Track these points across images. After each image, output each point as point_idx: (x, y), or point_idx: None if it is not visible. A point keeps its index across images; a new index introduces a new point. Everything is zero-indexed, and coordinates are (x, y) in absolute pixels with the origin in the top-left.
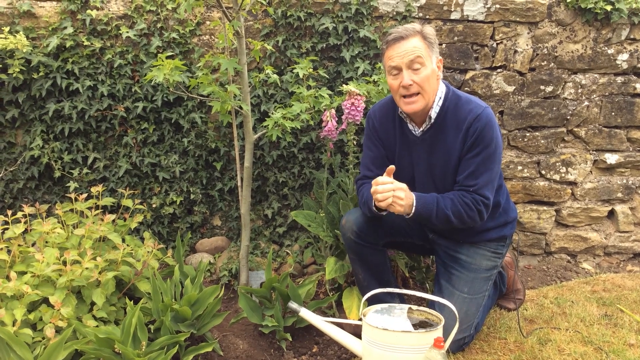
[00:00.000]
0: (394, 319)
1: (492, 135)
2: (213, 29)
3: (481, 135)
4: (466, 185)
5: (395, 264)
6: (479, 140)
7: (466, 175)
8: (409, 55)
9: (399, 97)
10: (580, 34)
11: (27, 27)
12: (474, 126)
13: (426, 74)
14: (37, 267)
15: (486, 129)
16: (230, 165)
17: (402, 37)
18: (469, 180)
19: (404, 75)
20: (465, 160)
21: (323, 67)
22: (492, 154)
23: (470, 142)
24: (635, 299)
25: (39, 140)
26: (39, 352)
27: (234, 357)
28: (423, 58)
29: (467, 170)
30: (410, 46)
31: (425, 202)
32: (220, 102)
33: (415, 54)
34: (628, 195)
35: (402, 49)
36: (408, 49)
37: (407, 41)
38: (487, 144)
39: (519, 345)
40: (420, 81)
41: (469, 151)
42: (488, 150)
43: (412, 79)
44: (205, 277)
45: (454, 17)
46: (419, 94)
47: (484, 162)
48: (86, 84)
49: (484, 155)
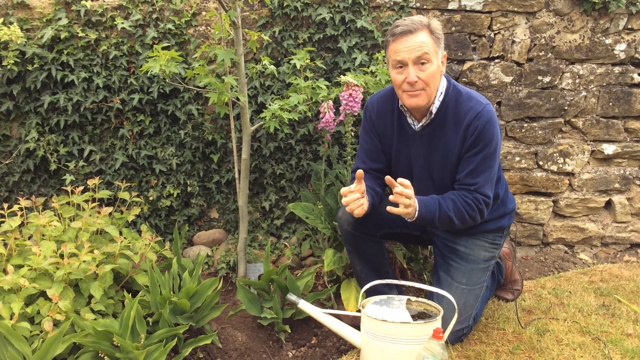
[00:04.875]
0: (393, 310)
1: (492, 133)
2: (209, 19)
3: (482, 133)
4: (467, 183)
5: (393, 256)
6: (480, 138)
7: (466, 174)
8: (416, 50)
9: (402, 91)
10: (578, 23)
11: (21, 19)
12: (474, 124)
13: (432, 70)
14: (34, 260)
15: (487, 127)
16: (227, 157)
17: (410, 31)
18: (470, 179)
19: (410, 71)
20: (466, 159)
21: (320, 58)
22: (493, 153)
23: (470, 140)
24: (633, 289)
25: (34, 133)
26: (37, 345)
27: (233, 349)
28: (430, 54)
29: (468, 168)
30: (419, 41)
31: (427, 205)
32: (217, 94)
33: (422, 49)
34: (625, 186)
35: (409, 43)
36: (416, 44)
37: (415, 35)
38: (488, 143)
39: (518, 336)
40: (426, 78)
41: (469, 149)
42: (489, 148)
43: (418, 75)
44: (203, 269)
45: (451, 7)
46: (423, 90)
47: (484, 160)
48: (81, 76)
49: (485, 153)
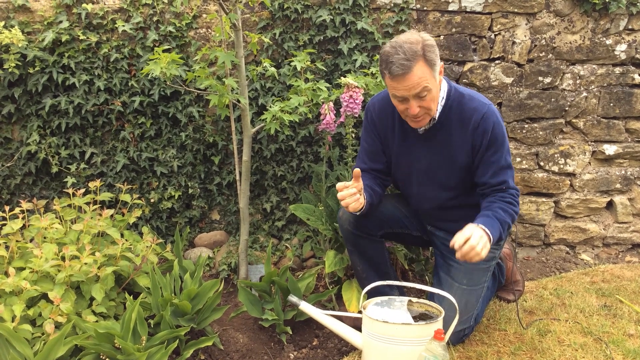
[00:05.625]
0: (394, 312)
1: (502, 131)
2: (210, 22)
3: (493, 134)
4: (497, 183)
5: (394, 257)
6: (493, 139)
7: (492, 174)
8: (415, 88)
9: (404, 116)
10: (578, 24)
11: (22, 22)
12: (483, 126)
13: (432, 95)
14: (36, 262)
15: (495, 127)
16: (228, 159)
17: (406, 72)
18: (497, 178)
19: (412, 104)
20: (486, 160)
21: (321, 59)
22: (507, 149)
23: (485, 142)
24: (634, 289)
25: (35, 136)
26: (39, 347)
27: (234, 350)
28: (429, 85)
29: (491, 169)
30: (416, 79)
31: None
32: (217, 96)
33: (421, 85)
34: (627, 186)
35: (407, 82)
36: (414, 83)
37: (412, 74)
38: (502, 141)
39: (519, 337)
40: (427, 104)
41: (486, 151)
42: (503, 147)
43: (420, 105)
44: (205, 271)
45: (451, 9)
46: (426, 114)
47: (503, 158)
48: (82, 79)
49: (502, 152)
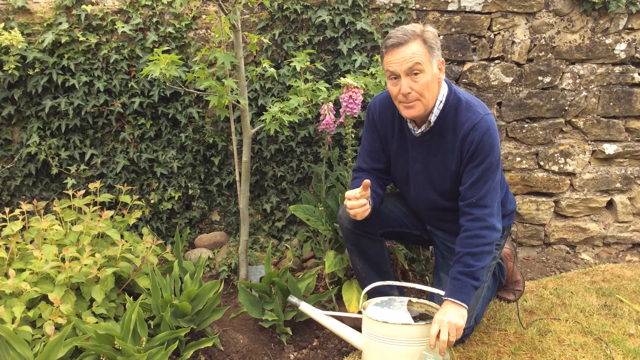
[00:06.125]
0: (394, 312)
1: (492, 144)
2: (209, 22)
3: (480, 145)
4: (468, 197)
5: (394, 257)
6: (479, 150)
7: (468, 187)
8: (407, 62)
9: (398, 102)
10: (578, 24)
11: (21, 23)
12: (471, 136)
13: (425, 80)
14: (36, 264)
15: (484, 138)
16: (228, 160)
17: (401, 43)
18: (471, 192)
19: (402, 83)
20: (467, 171)
21: (320, 60)
22: (493, 163)
23: (469, 152)
24: (635, 289)
25: (35, 137)
26: (39, 349)
27: (235, 351)
28: (422, 64)
29: (469, 180)
30: (409, 52)
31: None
32: (217, 97)
33: (413, 60)
34: (627, 186)
35: (400, 55)
36: (407, 56)
37: (406, 47)
38: (488, 154)
39: (519, 337)
40: (420, 88)
41: (469, 161)
42: (489, 159)
43: (411, 86)
44: (205, 272)
45: (451, 8)
46: (418, 100)
47: (485, 171)
48: (82, 80)
49: (486, 165)
